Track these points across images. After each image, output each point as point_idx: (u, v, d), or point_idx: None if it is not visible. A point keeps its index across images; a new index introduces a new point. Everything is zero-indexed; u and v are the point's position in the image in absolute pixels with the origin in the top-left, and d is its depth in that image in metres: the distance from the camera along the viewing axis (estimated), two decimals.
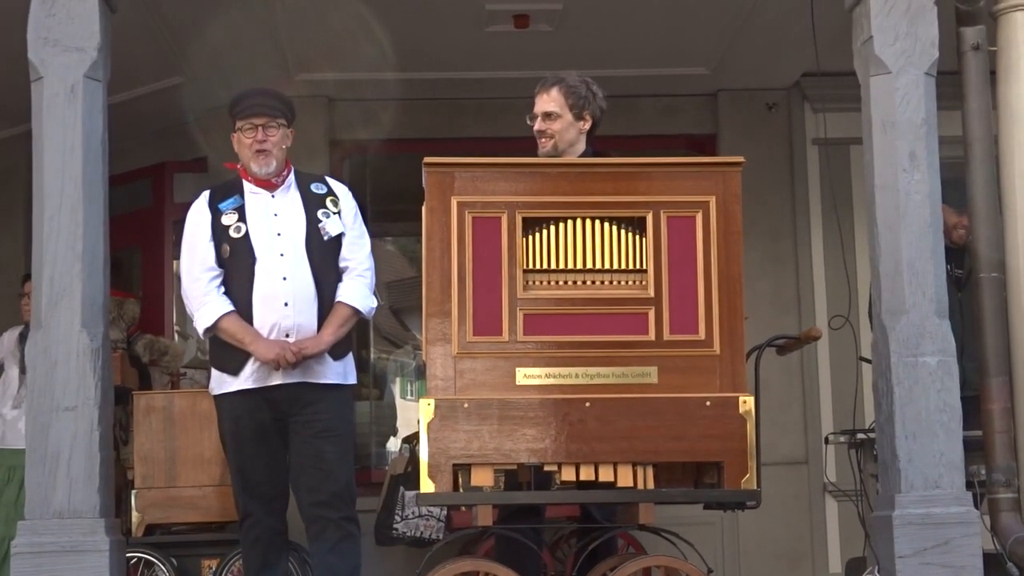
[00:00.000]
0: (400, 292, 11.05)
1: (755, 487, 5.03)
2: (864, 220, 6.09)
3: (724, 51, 8.70)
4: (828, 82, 7.46)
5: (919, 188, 5.70)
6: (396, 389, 11.28)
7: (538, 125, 5.94)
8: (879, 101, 5.78)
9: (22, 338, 7.46)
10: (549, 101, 5.93)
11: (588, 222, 5.05)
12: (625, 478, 5.02)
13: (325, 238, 5.90)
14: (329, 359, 5.84)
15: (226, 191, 6.03)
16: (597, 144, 6.05)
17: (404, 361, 11.31)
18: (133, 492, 7.57)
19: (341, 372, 5.94)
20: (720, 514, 8.09)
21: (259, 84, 8.90)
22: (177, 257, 10.46)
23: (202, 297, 5.87)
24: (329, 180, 6.17)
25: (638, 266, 5.05)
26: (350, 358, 6.01)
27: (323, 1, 7.82)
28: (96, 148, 5.66)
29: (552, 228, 5.05)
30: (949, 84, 6.07)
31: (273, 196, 5.98)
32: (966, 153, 6.09)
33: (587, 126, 5.96)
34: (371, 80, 8.94)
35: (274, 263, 5.83)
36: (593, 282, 5.06)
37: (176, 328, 10.42)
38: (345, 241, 5.98)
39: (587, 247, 5.05)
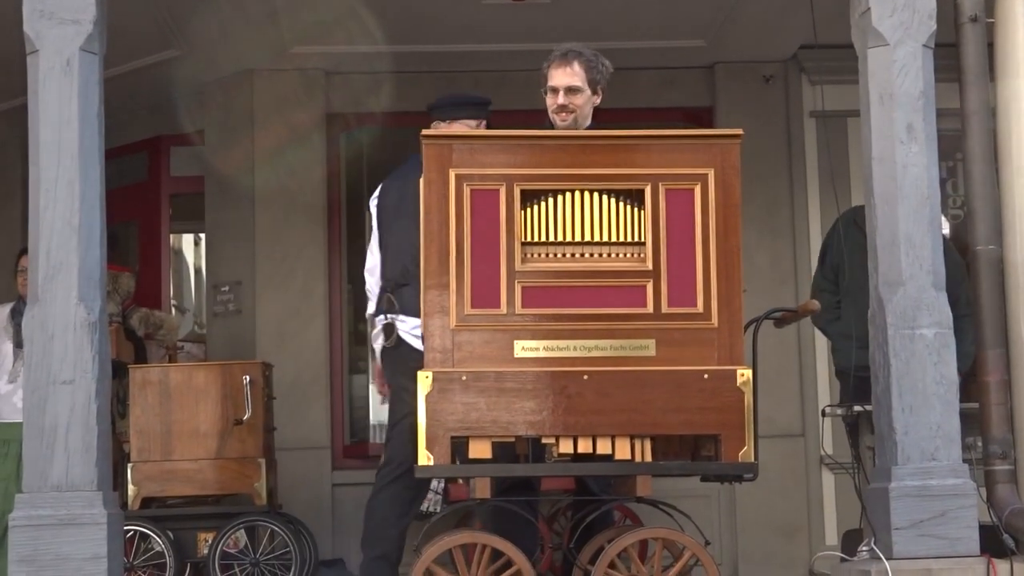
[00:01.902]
0: None
1: (752, 459, 5.05)
2: (861, 192, 6.08)
3: (721, 23, 8.68)
4: (826, 54, 7.43)
5: (917, 160, 5.70)
6: None
7: (561, 99, 5.84)
8: (877, 73, 5.77)
9: (14, 313, 7.45)
10: (573, 75, 5.83)
11: (586, 195, 5.05)
12: (623, 450, 5.03)
13: None
14: None
15: None
16: (597, 117, 6.03)
17: None
18: (129, 465, 7.58)
19: None
20: (717, 486, 8.12)
21: (255, 57, 8.94)
22: (175, 231, 10.49)
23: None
24: None
25: (636, 239, 5.06)
26: None
27: None
28: (92, 121, 5.65)
29: (550, 201, 5.05)
30: (947, 56, 6.05)
31: None
32: (963, 125, 6.08)
33: (598, 100, 5.92)
34: (367, 53, 8.92)
35: None
36: (591, 255, 5.06)
37: (173, 302, 10.42)
38: None
39: (585, 220, 5.05)
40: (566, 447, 5.03)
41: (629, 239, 5.06)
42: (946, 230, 6.45)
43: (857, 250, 6.58)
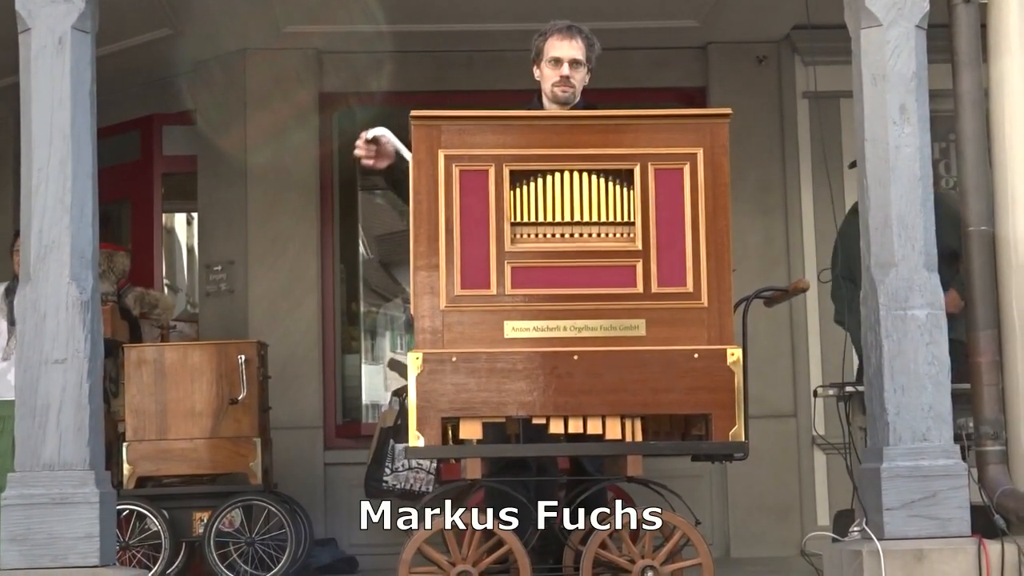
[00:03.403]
0: (389, 246, 11.05)
1: (743, 439, 5.05)
2: (854, 173, 6.09)
3: (714, 4, 8.67)
4: (819, 35, 7.44)
5: (909, 141, 5.69)
6: (386, 342, 11.31)
7: (566, 70, 5.82)
8: (869, 54, 5.76)
9: (8, 292, 7.45)
10: (578, 49, 5.81)
11: (576, 175, 5.05)
12: (613, 431, 5.04)
13: None
14: None
15: None
16: (587, 96, 6.02)
17: (394, 315, 11.32)
18: (124, 444, 7.59)
19: None
20: (708, 466, 8.13)
21: (249, 36, 8.91)
22: (168, 211, 10.48)
23: None
24: None
25: (626, 219, 5.05)
26: None
27: None
28: (84, 100, 5.63)
29: (540, 181, 5.05)
30: (940, 37, 6.05)
31: None
32: (956, 106, 6.08)
33: (587, 80, 5.92)
34: (360, 33, 8.91)
35: None
36: (581, 235, 5.06)
37: (166, 281, 10.42)
38: None
39: (575, 200, 5.05)
40: (557, 427, 5.04)
41: (618, 219, 5.06)
42: None
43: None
